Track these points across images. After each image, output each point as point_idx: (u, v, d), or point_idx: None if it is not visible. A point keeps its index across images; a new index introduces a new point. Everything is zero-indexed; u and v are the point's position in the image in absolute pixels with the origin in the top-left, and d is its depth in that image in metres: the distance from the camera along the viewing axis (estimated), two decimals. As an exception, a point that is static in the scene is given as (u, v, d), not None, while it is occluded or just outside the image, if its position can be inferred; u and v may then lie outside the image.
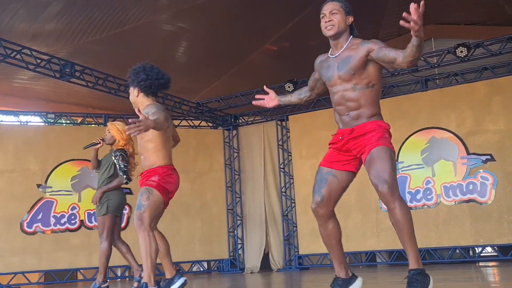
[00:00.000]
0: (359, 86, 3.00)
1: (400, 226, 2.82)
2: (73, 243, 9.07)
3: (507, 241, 7.87)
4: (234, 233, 10.32)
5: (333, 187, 3.07)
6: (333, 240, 3.13)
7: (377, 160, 2.87)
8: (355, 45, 3.05)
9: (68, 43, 8.63)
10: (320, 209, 3.10)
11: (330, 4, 3.11)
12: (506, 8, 8.74)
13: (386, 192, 2.81)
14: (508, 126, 8.11)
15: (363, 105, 3.01)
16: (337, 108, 3.14)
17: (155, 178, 3.90)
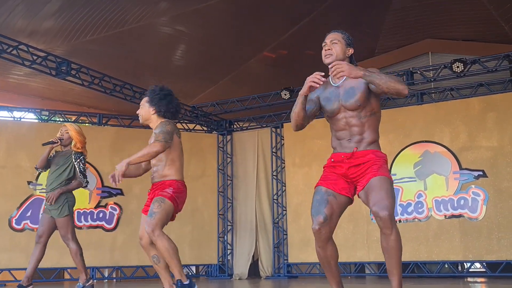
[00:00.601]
0: (363, 114, 3.10)
1: (393, 252, 2.90)
2: (61, 242, 8.89)
3: (496, 257, 7.88)
4: (224, 238, 10.28)
5: (334, 207, 3.08)
6: (332, 262, 3.10)
7: (378, 188, 2.95)
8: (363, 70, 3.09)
9: (65, 41, 8.62)
10: (323, 229, 3.02)
11: (332, 34, 3.25)
12: (503, 26, 8.82)
13: (386, 218, 2.87)
14: (501, 143, 8.15)
15: (366, 131, 3.11)
16: (338, 134, 3.20)
17: (169, 190, 4.04)
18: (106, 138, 9.69)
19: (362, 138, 3.11)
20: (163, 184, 4.06)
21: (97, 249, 9.16)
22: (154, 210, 3.93)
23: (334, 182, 3.14)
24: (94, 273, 9.15)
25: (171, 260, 3.91)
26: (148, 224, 3.90)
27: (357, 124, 3.10)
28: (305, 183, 9.53)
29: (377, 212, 2.90)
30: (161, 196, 3.98)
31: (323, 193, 3.10)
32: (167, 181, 4.07)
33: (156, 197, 3.99)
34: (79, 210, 9.17)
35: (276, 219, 9.97)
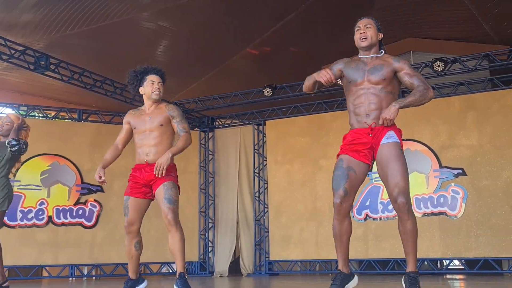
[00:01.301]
0: (384, 90, 3.32)
1: (409, 236, 3.20)
2: (40, 239, 8.88)
3: (474, 255, 7.98)
4: (205, 236, 10.24)
5: (353, 182, 3.28)
6: (345, 237, 3.34)
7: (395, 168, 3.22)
8: (386, 58, 3.44)
9: (44, 35, 8.48)
10: (344, 203, 3.26)
11: (365, 20, 3.53)
12: (484, 26, 8.91)
13: (404, 205, 3.17)
14: (480, 141, 8.24)
15: (383, 108, 3.30)
16: (356, 109, 3.37)
17: (174, 174, 4.11)
18: (86, 134, 9.57)
19: (378, 115, 3.30)
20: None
21: (76, 247, 9.06)
22: (174, 198, 3.98)
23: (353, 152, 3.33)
24: (73, 271, 9.04)
25: (181, 253, 3.99)
26: (173, 211, 3.96)
27: (375, 100, 3.30)
28: (287, 181, 9.54)
29: (395, 197, 3.17)
30: (172, 181, 4.04)
31: (344, 168, 3.29)
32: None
33: (168, 181, 4.00)
34: (58, 207, 9.05)
35: (258, 217, 9.96)
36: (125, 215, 4.08)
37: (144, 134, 4.14)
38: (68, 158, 9.32)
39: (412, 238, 3.18)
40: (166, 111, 4.16)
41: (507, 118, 8.11)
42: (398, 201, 3.15)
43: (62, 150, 9.28)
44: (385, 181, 3.26)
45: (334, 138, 9.23)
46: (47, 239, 8.90)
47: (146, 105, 4.27)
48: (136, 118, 4.23)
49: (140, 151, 4.16)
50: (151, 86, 4.20)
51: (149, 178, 4.06)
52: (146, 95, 4.24)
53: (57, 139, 9.32)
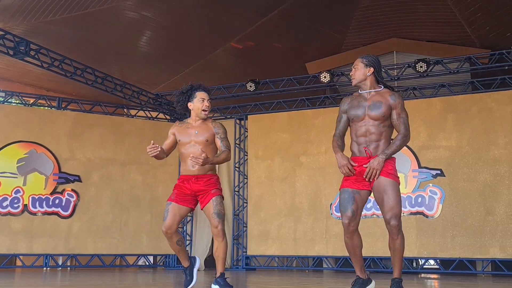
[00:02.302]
0: (382, 125, 3.69)
1: (397, 252, 3.65)
2: (14, 228, 8.74)
3: (449, 255, 8.09)
4: (183, 229, 10.19)
5: (358, 203, 3.66)
6: (357, 250, 3.73)
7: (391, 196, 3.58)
8: (384, 93, 3.75)
9: (25, 21, 8.32)
10: (351, 222, 3.62)
11: (355, 61, 3.83)
12: (467, 29, 9.00)
13: (396, 226, 3.57)
14: (459, 143, 8.34)
15: (382, 139, 3.70)
16: (358, 139, 3.73)
17: (219, 186, 4.37)
18: (65, 123, 9.44)
19: (378, 145, 3.69)
20: (212, 178, 4.34)
21: (51, 237, 8.94)
22: (223, 212, 4.24)
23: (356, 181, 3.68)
24: (47, 261, 8.93)
25: (224, 259, 4.30)
26: (222, 224, 4.22)
27: (375, 132, 3.69)
28: (267, 176, 9.53)
29: (389, 219, 3.56)
30: (220, 195, 4.30)
31: (350, 192, 3.67)
32: (213, 175, 4.37)
33: (217, 195, 4.27)
34: (34, 196, 8.92)
35: (237, 211, 9.95)
36: (164, 219, 4.31)
37: (189, 145, 4.32)
38: (46, 147, 9.18)
39: (400, 253, 3.64)
40: (212, 128, 4.36)
41: (486, 121, 8.22)
42: (391, 223, 3.56)
43: (40, 138, 9.14)
44: (381, 204, 3.63)
45: (315, 135, 9.26)
46: (22, 228, 8.76)
47: (193, 119, 4.42)
48: (183, 131, 4.38)
49: (186, 160, 4.32)
50: (201, 103, 4.37)
51: (196, 188, 4.30)
52: (194, 110, 4.38)
53: (35, 126, 9.18)
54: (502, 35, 9.09)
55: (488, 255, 7.85)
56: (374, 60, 3.82)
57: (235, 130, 10.24)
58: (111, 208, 9.34)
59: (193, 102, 4.39)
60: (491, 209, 7.92)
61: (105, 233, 9.25)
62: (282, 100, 9.82)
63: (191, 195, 4.32)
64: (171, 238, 4.31)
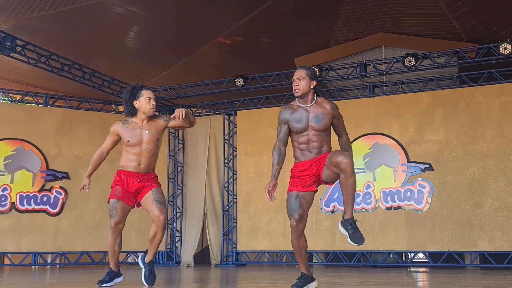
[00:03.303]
0: (323, 133, 3.88)
1: (350, 189, 3.66)
2: (2, 226, 8.66)
3: (438, 248, 8.14)
4: (173, 225, 10.16)
5: (304, 207, 3.82)
6: (303, 250, 3.87)
7: (336, 152, 3.72)
8: (322, 103, 3.91)
9: (11, 16, 8.22)
10: (299, 224, 3.78)
11: (298, 72, 3.93)
12: (454, 23, 9.04)
13: (349, 163, 3.58)
14: (447, 137, 8.38)
15: (324, 145, 3.88)
16: (300, 146, 3.89)
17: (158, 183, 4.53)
18: (53, 120, 9.35)
19: (320, 151, 3.86)
20: (155, 177, 4.49)
21: (39, 234, 8.87)
22: (164, 200, 4.38)
23: (301, 185, 3.84)
24: (36, 259, 8.86)
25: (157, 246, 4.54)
26: (164, 214, 4.32)
27: (317, 140, 3.85)
28: (256, 171, 9.52)
29: (340, 161, 3.58)
30: (160, 188, 4.45)
31: (295, 197, 3.83)
32: (154, 174, 4.50)
33: (159, 188, 4.43)
34: (22, 193, 8.84)
35: (226, 207, 9.94)
36: (112, 216, 4.38)
37: (139, 147, 4.37)
38: (33, 144, 9.09)
39: (353, 190, 3.66)
40: (162, 124, 4.45)
41: (474, 115, 8.27)
42: (344, 161, 3.57)
43: (27, 135, 9.06)
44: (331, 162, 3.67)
45: (304, 130, 9.25)
46: (10, 226, 8.68)
47: (139, 119, 4.44)
48: (130, 131, 4.39)
49: (134, 158, 4.38)
50: (148, 102, 4.41)
51: (139, 186, 4.38)
52: (141, 109, 4.42)
53: (22, 123, 9.09)
54: (490, 29, 9.15)
55: (476, 248, 7.92)
56: (316, 74, 3.99)
57: (224, 125, 10.22)
58: (99, 205, 9.26)
59: (139, 101, 4.42)
60: (479, 202, 7.98)
61: (94, 230, 9.19)
62: (271, 95, 9.81)
63: (134, 193, 4.41)
64: (117, 235, 4.45)
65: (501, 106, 8.15)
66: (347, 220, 3.69)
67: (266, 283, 5.20)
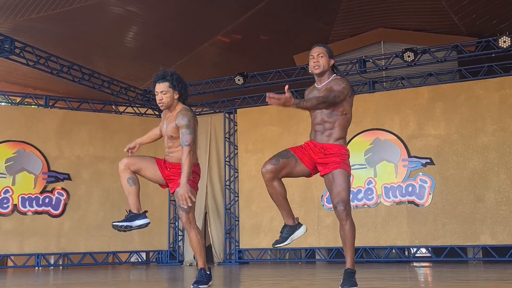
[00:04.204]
0: (335, 113, 3.73)
1: (347, 239, 3.55)
2: (4, 228, 8.67)
3: (440, 243, 8.14)
4: (175, 224, 10.17)
5: (290, 164, 3.62)
6: (280, 196, 3.66)
7: (338, 184, 3.59)
8: (335, 81, 3.78)
9: (9, 18, 8.22)
10: (267, 174, 3.58)
11: (317, 48, 3.82)
12: (453, 17, 9.02)
13: (342, 212, 3.52)
14: (448, 131, 8.38)
15: (335, 127, 3.75)
16: (316, 127, 3.79)
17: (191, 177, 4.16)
18: (53, 121, 9.36)
19: (331, 133, 3.73)
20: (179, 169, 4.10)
21: (42, 236, 8.88)
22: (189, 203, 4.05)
23: (302, 153, 3.70)
24: (39, 260, 8.87)
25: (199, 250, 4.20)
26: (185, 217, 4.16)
27: (329, 121, 3.73)
28: (258, 169, 9.43)
29: (336, 205, 3.55)
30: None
31: (290, 152, 3.67)
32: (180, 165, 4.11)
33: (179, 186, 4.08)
34: (24, 195, 8.85)
35: (228, 205, 9.94)
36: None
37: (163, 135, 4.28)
38: (34, 145, 9.10)
39: (350, 240, 3.54)
40: (175, 120, 4.10)
41: (474, 109, 8.26)
42: (337, 209, 3.54)
43: (27, 137, 9.06)
44: (330, 192, 3.63)
45: (305, 127, 9.23)
46: (12, 228, 8.70)
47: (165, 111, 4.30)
48: (161, 122, 4.34)
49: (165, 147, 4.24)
50: (156, 97, 4.22)
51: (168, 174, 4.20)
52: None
53: (22, 125, 9.10)
54: (489, 22, 9.13)
55: (479, 242, 7.92)
56: (332, 53, 3.91)
57: (225, 124, 10.22)
58: (101, 206, 9.28)
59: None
60: (481, 196, 7.98)
61: (96, 231, 9.20)
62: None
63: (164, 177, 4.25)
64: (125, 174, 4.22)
65: (501, 99, 8.14)
66: (346, 270, 3.54)
67: (269, 280, 5.21)
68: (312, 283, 4.80)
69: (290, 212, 3.76)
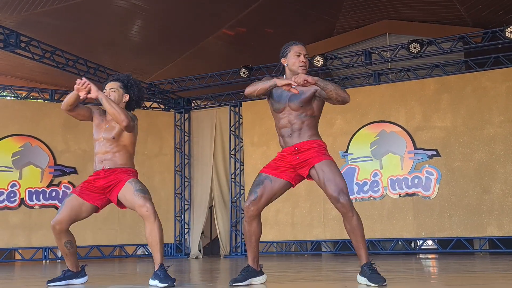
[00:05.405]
0: (303, 115, 3.49)
1: (357, 232, 3.33)
2: (12, 222, 8.73)
3: (447, 235, 8.13)
4: (181, 217, 10.20)
5: (267, 189, 3.47)
6: (253, 238, 3.54)
7: (330, 174, 3.33)
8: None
9: (14, 13, 8.24)
10: (252, 207, 3.45)
11: (304, 48, 3.66)
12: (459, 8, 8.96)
13: (347, 204, 3.27)
14: (454, 123, 8.34)
15: (304, 127, 3.50)
16: (281, 131, 3.55)
17: (134, 176, 3.95)
18: (59, 115, 9.37)
19: (300, 133, 3.49)
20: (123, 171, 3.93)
21: (49, 229, 8.83)
22: (145, 189, 3.84)
23: (275, 169, 3.52)
24: (46, 254, 8.93)
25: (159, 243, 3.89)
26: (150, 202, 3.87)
27: (296, 123, 3.49)
28: (263, 162, 9.45)
29: (336, 198, 3.28)
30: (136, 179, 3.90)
31: (262, 177, 3.51)
32: (125, 168, 3.95)
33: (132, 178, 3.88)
34: (31, 189, 8.90)
35: (234, 198, 9.96)
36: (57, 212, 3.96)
37: (98, 142, 4.06)
38: (41, 139, 9.14)
39: (359, 232, 3.34)
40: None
41: (480, 100, 8.22)
42: (340, 201, 3.28)
43: (34, 131, 9.10)
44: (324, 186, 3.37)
45: (310, 119, 9.25)
46: (20, 222, 8.75)
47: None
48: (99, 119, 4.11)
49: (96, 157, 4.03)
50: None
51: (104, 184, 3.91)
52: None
53: (28, 120, 9.13)
54: (495, 13, 9.07)
55: (485, 233, 7.90)
56: None
57: (230, 117, 10.22)
58: (108, 199, 9.31)
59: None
60: (487, 187, 7.96)
61: (103, 224, 9.25)
62: (276, 86, 9.79)
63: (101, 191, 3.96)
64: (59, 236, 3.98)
65: (508, 90, 8.10)
66: (364, 265, 3.33)
67: (275, 272, 5.22)
68: (319, 274, 4.81)
69: (257, 257, 3.61)
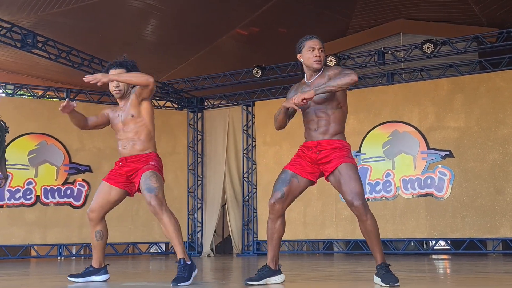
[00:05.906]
0: (329, 107, 3.46)
1: (372, 235, 3.34)
2: (28, 219, 8.86)
3: (459, 235, 8.10)
4: (194, 216, 10.28)
5: (293, 188, 3.49)
6: (276, 235, 3.55)
7: (348, 177, 3.32)
8: (328, 69, 3.54)
9: (32, 13, 8.36)
10: (277, 204, 3.48)
11: (318, 41, 3.55)
12: (473, 7, 8.91)
13: (360, 207, 3.26)
14: (467, 124, 8.31)
15: (331, 122, 3.47)
16: (308, 124, 3.57)
17: (154, 163, 3.82)
18: (74, 114, 9.49)
19: (327, 129, 3.46)
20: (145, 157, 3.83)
21: (64, 226, 9.05)
22: (153, 185, 3.67)
23: (300, 168, 3.52)
24: (61, 250, 9.05)
25: (175, 236, 3.63)
26: (155, 199, 3.65)
27: (323, 116, 3.47)
28: (276, 161, 9.55)
29: (351, 201, 3.27)
30: (151, 170, 3.74)
31: (288, 174, 3.53)
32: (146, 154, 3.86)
33: (148, 171, 3.73)
34: (46, 186, 9.03)
35: (246, 197, 10.01)
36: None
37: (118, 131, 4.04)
38: (56, 138, 9.26)
39: (374, 235, 3.34)
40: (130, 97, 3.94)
41: (494, 101, 8.17)
42: (355, 204, 3.27)
43: (49, 130, 9.23)
44: (340, 189, 3.39)
45: (323, 119, 9.26)
46: (36, 219, 8.88)
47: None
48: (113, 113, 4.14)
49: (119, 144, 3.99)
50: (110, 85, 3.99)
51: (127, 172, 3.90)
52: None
53: (44, 118, 9.26)
54: (510, 13, 9.00)
55: (498, 234, 7.86)
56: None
57: (243, 116, 10.26)
58: (122, 197, 9.41)
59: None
60: (501, 188, 7.91)
61: (117, 221, 9.33)
62: (289, 85, 9.78)
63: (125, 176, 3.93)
64: (93, 224, 4.00)
65: (522, 91, 8.04)
66: (378, 265, 3.39)
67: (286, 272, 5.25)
68: (331, 274, 4.84)
69: (276, 256, 3.58)
